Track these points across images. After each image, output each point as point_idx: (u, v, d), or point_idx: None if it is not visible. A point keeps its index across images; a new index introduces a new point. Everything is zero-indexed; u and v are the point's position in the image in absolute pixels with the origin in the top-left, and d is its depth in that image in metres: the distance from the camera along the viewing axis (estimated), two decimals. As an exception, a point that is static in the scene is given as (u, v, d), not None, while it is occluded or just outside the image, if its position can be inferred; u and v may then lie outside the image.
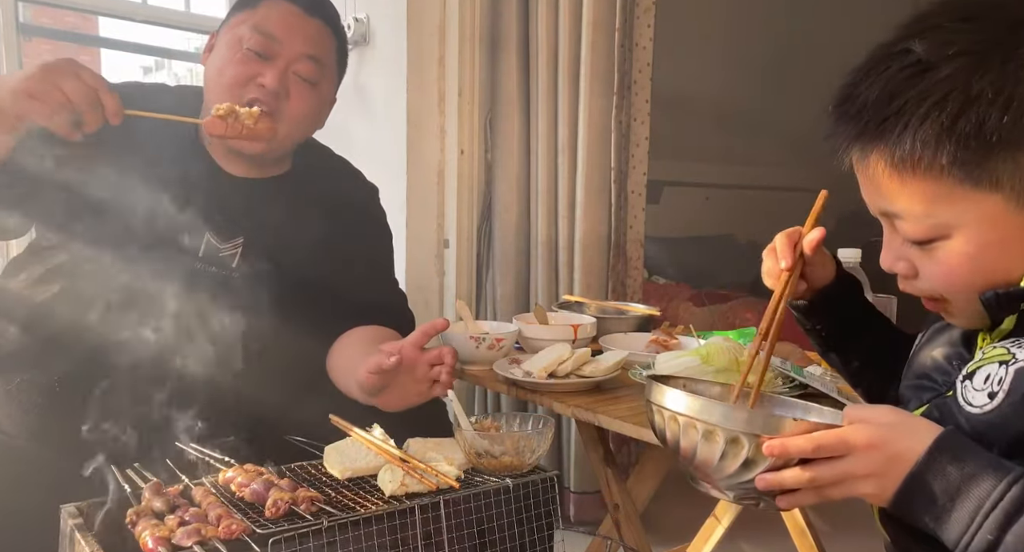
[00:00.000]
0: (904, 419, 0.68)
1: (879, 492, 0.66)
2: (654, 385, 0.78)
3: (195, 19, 2.41)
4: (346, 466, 1.00)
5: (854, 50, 0.77)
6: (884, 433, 0.66)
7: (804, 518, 1.36)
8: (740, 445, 0.70)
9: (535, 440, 1.02)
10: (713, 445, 0.71)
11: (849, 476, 0.67)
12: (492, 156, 2.24)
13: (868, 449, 0.66)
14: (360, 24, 2.21)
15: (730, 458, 0.71)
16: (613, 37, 2.03)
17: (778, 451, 0.68)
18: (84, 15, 2.47)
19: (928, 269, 0.74)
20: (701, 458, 0.73)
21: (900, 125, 0.68)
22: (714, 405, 0.73)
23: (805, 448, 0.67)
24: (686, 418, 0.73)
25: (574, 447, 2.18)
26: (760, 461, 0.70)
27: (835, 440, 0.67)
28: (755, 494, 0.73)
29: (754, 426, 0.69)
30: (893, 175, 0.71)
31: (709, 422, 0.71)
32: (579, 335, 1.51)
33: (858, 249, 1.37)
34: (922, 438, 0.65)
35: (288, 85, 1.26)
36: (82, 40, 2.71)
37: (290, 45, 1.25)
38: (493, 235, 2.25)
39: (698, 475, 0.77)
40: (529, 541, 0.98)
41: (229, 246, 1.27)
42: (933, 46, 0.68)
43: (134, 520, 0.87)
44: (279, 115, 1.25)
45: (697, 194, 4.30)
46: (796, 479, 0.68)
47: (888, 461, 0.65)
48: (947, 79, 0.66)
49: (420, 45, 2.15)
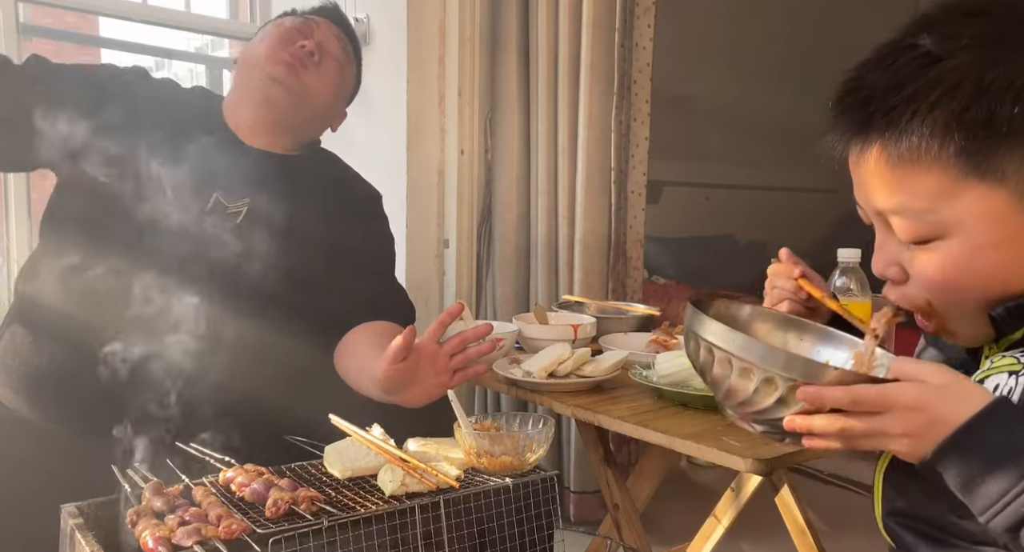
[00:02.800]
0: (956, 381, 0.64)
1: (910, 451, 0.64)
2: (695, 313, 0.75)
3: (195, 19, 2.41)
4: (346, 466, 1.00)
5: (855, 50, 0.77)
6: (931, 395, 0.63)
7: (804, 518, 1.36)
8: (774, 386, 0.68)
9: (535, 440, 1.02)
10: (747, 382, 0.69)
11: (882, 433, 0.65)
12: (492, 156, 2.24)
13: (910, 410, 0.63)
14: (360, 25, 2.21)
15: (762, 395, 0.69)
16: (613, 37, 2.03)
17: (812, 399, 0.65)
18: (84, 15, 2.47)
19: (920, 271, 0.72)
20: (733, 389, 0.71)
21: (908, 113, 0.67)
22: (754, 344, 0.70)
23: (841, 399, 0.64)
24: (723, 352, 0.71)
25: (574, 447, 2.18)
26: (793, 402, 0.67)
27: (875, 396, 0.64)
28: (782, 431, 0.71)
29: (792, 370, 0.67)
30: (896, 167, 0.69)
31: (746, 360, 0.69)
32: (579, 335, 1.51)
33: (858, 249, 1.37)
34: (971, 403, 0.62)
35: (320, 57, 1.37)
36: (82, 40, 2.71)
37: (325, 29, 1.41)
38: (493, 235, 2.25)
39: (727, 403, 0.75)
40: (529, 541, 0.98)
41: (236, 206, 1.30)
42: (942, 39, 0.67)
43: (134, 520, 0.87)
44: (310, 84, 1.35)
45: (697, 194, 4.29)
46: (826, 427, 0.66)
47: (929, 423, 0.63)
48: (958, 69, 0.65)
49: (420, 45, 2.15)
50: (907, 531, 0.76)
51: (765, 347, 0.70)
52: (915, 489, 0.74)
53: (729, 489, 1.44)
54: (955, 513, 0.69)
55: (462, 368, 1.14)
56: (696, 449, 1.08)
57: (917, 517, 0.75)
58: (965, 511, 0.67)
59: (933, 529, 0.73)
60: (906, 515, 0.77)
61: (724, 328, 0.71)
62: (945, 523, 0.69)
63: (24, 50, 1.99)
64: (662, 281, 3.38)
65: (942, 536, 0.72)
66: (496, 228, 2.24)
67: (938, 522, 0.72)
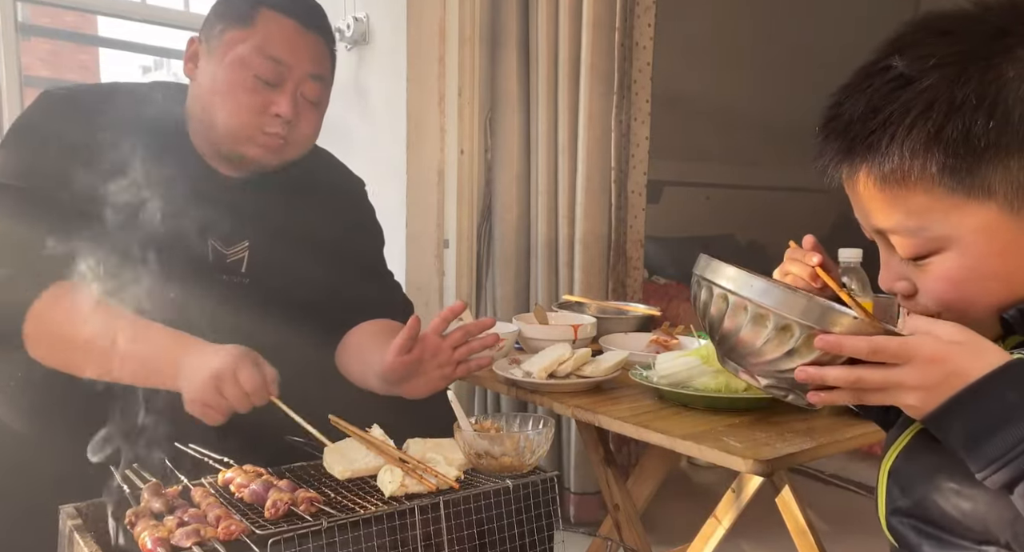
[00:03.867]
0: (973, 339, 0.65)
1: (921, 405, 0.64)
2: (710, 260, 0.74)
3: (194, 18, 2.41)
4: (345, 467, 1.00)
5: (855, 50, 0.77)
6: (949, 349, 0.64)
7: (804, 518, 1.36)
8: (790, 333, 0.66)
9: (535, 441, 1.02)
10: (760, 329, 0.68)
11: (897, 385, 0.64)
12: (492, 156, 2.24)
13: (928, 362, 0.63)
14: (360, 24, 2.21)
15: (774, 344, 0.67)
16: (613, 37, 2.03)
17: (831, 346, 0.64)
18: (83, 14, 2.47)
19: (927, 285, 0.72)
20: (743, 340, 0.69)
21: (887, 137, 0.68)
22: (774, 288, 0.68)
23: (861, 349, 0.64)
24: (738, 298, 0.69)
25: (574, 447, 2.18)
26: (805, 352, 0.66)
27: (897, 346, 0.64)
28: (787, 385, 0.70)
29: (810, 317, 0.65)
30: (884, 190, 0.70)
31: (763, 305, 0.67)
32: (579, 335, 1.50)
33: (859, 249, 1.37)
34: (989, 360, 0.63)
35: (298, 109, 1.24)
36: (81, 39, 2.71)
37: (297, 68, 1.22)
38: (493, 235, 2.25)
39: (731, 356, 0.74)
40: (529, 542, 0.98)
41: (235, 251, 1.28)
42: (913, 60, 0.68)
43: (133, 521, 0.86)
44: (290, 138, 1.25)
45: (697, 194, 4.29)
46: (841, 377, 0.65)
47: (945, 377, 0.63)
48: (929, 89, 0.66)
49: (420, 45, 2.14)
50: (910, 530, 0.76)
51: (784, 291, 0.68)
52: (919, 488, 0.74)
53: (730, 490, 1.43)
54: (959, 512, 0.69)
55: (465, 360, 1.16)
56: (696, 450, 1.08)
57: (921, 516, 0.75)
58: (969, 510, 0.67)
59: (936, 528, 0.73)
60: (909, 514, 0.76)
61: (742, 272, 0.71)
62: (949, 522, 0.69)
63: (23, 50, 1.99)
64: (662, 281, 3.38)
65: (945, 535, 0.72)
66: (496, 228, 2.24)
67: (942, 521, 0.71)
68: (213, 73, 1.21)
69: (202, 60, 1.24)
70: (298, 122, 1.25)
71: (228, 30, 1.21)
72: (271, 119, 1.21)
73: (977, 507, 0.67)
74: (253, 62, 1.19)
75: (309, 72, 1.24)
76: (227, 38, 1.21)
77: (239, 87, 1.19)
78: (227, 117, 1.20)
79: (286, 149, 1.26)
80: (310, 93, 1.25)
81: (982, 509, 0.67)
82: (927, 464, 0.73)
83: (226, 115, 1.20)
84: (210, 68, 1.22)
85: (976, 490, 0.66)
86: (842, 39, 3.09)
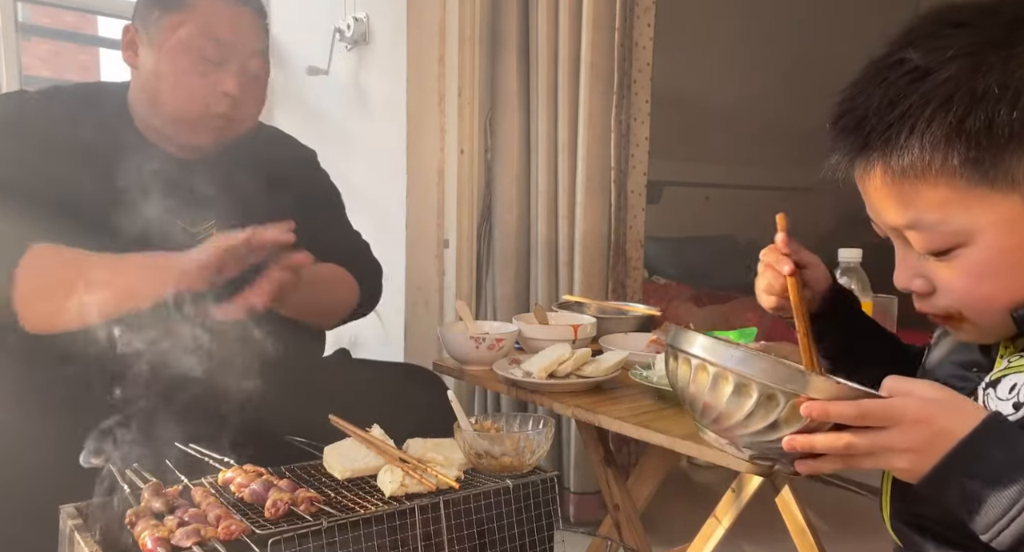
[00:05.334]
0: (951, 396, 0.65)
1: (912, 467, 0.64)
2: (682, 331, 0.73)
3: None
4: (346, 466, 1.00)
5: (855, 50, 0.77)
6: (932, 409, 0.63)
7: (804, 518, 1.36)
8: (775, 402, 0.65)
9: (535, 440, 1.02)
10: (745, 399, 0.66)
11: (887, 448, 0.64)
12: (492, 156, 2.24)
13: (915, 424, 0.63)
14: (360, 24, 2.21)
15: (760, 415, 0.66)
16: (613, 36, 2.03)
17: (818, 414, 0.63)
18: (83, 15, 2.47)
19: (947, 282, 0.71)
20: (726, 412, 0.68)
21: (906, 130, 0.66)
22: (756, 356, 0.67)
23: (848, 414, 0.63)
24: (718, 368, 0.68)
25: (574, 447, 2.18)
26: (792, 421, 0.65)
27: (883, 409, 0.63)
28: (774, 454, 0.69)
29: (796, 385, 0.65)
30: (902, 184, 0.68)
31: (744, 375, 0.66)
32: (579, 335, 1.50)
33: (859, 249, 1.37)
34: (969, 418, 0.62)
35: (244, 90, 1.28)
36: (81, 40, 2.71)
37: (240, 45, 1.26)
38: (493, 235, 2.25)
39: (714, 428, 0.72)
40: (529, 542, 0.98)
41: (203, 229, 1.29)
42: (929, 51, 0.67)
43: (133, 520, 0.86)
44: (238, 115, 1.29)
45: (697, 194, 4.30)
46: (830, 444, 0.64)
47: (933, 437, 0.63)
48: (949, 80, 0.65)
49: (420, 45, 2.14)
50: (915, 530, 0.75)
51: (767, 359, 0.66)
52: None
53: (729, 490, 1.43)
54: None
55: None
56: (696, 449, 1.08)
57: (925, 516, 0.75)
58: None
59: (941, 528, 0.73)
60: (914, 514, 0.76)
61: (720, 342, 0.70)
62: (954, 522, 0.69)
63: (23, 50, 1.99)
64: (662, 281, 3.38)
65: (950, 535, 0.72)
66: (496, 228, 2.24)
67: (947, 521, 0.71)
68: (156, 60, 1.24)
69: (142, 48, 1.26)
70: (244, 98, 1.28)
71: (165, 15, 1.23)
72: (219, 98, 1.24)
73: None
74: (196, 45, 1.22)
75: (252, 48, 1.27)
76: (166, 23, 1.23)
77: (186, 71, 1.22)
78: (176, 102, 1.23)
79: (234, 125, 1.30)
80: (254, 68, 1.29)
81: None
82: None
83: (175, 100, 1.23)
84: (152, 55, 1.24)
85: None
86: (842, 39, 3.09)
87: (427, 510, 0.90)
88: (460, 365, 1.48)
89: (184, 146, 1.31)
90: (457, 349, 1.46)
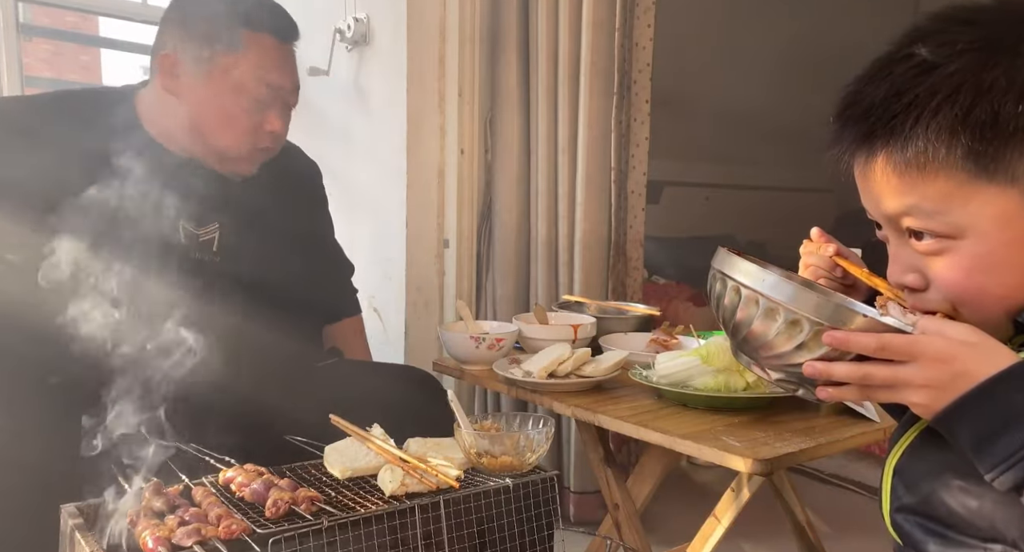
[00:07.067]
0: (984, 340, 0.65)
1: (929, 404, 0.65)
2: (726, 254, 0.76)
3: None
4: (346, 466, 1.00)
5: (855, 49, 0.77)
6: (958, 349, 0.64)
7: (804, 518, 1.36)
8: (799, 328, 0.68)
9: (535, 440, 1.02)
10: (770, 323, 0.69)
11: (904, 383, 0.65)
12: (492, 156, 2.24)
13: (935, 361, 0.64)
14: (360, 24, 2.21)
15: (784, 338, 0.69)
16: (613, 37, 2.03)
17: (839, 343, 0.65)
18: (84, 15, 2.47)
19: (939, 276, 0.71)
20: (754, 332, 0.71)
21: (911, 120, 0.67)
22: (784, 283, 0.69)
23: (868, 345, 0.65)
24: (750, 291, 0.71)
25: (574, 447, 2.18)
26: (815, 348, 0.67)
27: (904, 344, 0.64)
28: (797, 379, 0.71)
29: (821, 314, 0.67)
30: (903, 175, 0.69)
31: (774, 299, 0.69)
32: (579, 335, 1.51)
33: (858, 249, 1.37)
34: (997, 363, 0.63)
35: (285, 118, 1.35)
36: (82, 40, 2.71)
37: (286, 86, 1.33)
38: (493, 235, 2.25)
39: (743, 348, 0.75)
40: (529, 541, 0.98)
41: (206, 231, 1.31)
42: (937, 46, 0.67)
43: (134, 520, 0.87)
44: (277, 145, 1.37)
45: (697, 194, 4.29)
46: (848, 373, 0.66)
47: (954, 376, 0.63)
48: (957, 73, 0.65)
49: (420, 45, 2.14)
50: (915, 528, 0.75)
51: (795, 287, 0.69)
52: (925, 485, 0.74)
53: (729, 489, 1.43)
54: (966, 509, 0.69)
55: None
56: (696, 449, 1.08)
57: (926, 514, 0.75)
58: (975, 507, 0.67)
59: (942, 526, 0.73)
60: (915, 512, 0.76)
61: (756, 267, 0.72)
62: (955, 520, 0.69)
63: (24, 50, 1.99)
64: (662, 281, 3.38)
65: (951, 533, 0.72)
66: (496, 228, 2.24)
67: (948, 519, 0.71)
68: (205, 97, 1.27)
69: (186, 78, 1.27)
70: (284, 130, 1.36)
71: (218, 55, 1.26)
72: (265, 136, 1.31)
73: (984, 505, 0.67)
74: (249, 88, 1.27)
75: (294, 84, 1.34)
76: (219, 63, 1.26)
77: (238, 114, 1.27)
78: (225, 139, 1.28)
79: (271, 153, 1.37)
80: (293, 103, 1.36)
81: (989, 507, 0.67)
82: (933, 462, 0.73)
83: (224, 137, 1.28)
84: (200, 88, 1.27)
85: (983, 488, 0.66)
86: (842, 39, 3.10)
87: (427, 509, 0.90)
88: (460, 365, 1.49)
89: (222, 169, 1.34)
90: (457, 349, 1.46)
